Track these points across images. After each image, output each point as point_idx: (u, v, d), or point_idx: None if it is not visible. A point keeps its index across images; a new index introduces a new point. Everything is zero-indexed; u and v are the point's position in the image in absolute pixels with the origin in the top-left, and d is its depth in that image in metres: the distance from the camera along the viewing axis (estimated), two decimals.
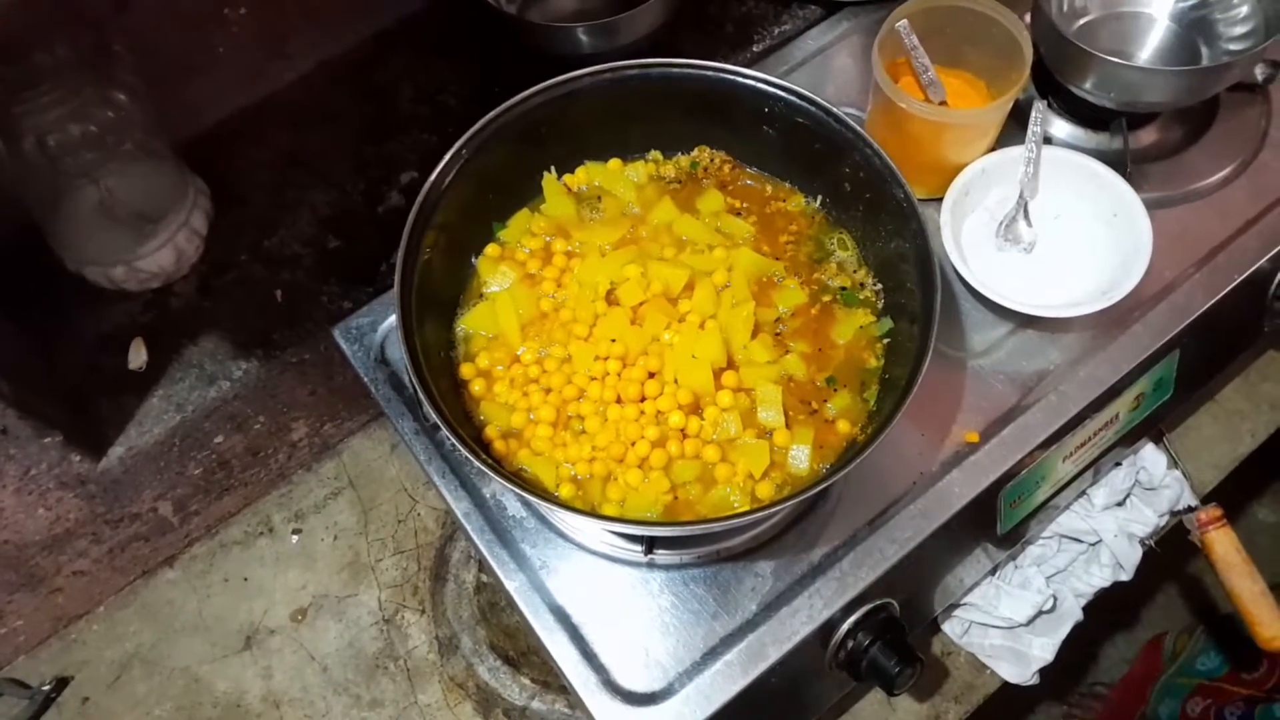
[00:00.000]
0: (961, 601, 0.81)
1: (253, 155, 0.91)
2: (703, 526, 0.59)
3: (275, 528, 0.91)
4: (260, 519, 0.91)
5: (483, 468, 0.57)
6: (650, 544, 0.66)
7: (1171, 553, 0.89)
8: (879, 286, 0.70)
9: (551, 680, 0.81)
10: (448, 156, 0.66)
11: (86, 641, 0.86)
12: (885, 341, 0.68)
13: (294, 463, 0.92)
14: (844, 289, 0.70)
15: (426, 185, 0.64)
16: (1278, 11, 0.77)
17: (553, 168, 0.74)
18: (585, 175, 0.75)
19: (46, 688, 0.83)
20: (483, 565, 0.87)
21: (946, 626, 0.82)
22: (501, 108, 0.68)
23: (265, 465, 0.90)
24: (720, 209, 0.73)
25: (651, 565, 0.68)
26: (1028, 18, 0.80)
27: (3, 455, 0.68)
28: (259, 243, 0.86)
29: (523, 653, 0.84)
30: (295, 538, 0.91)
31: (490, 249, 0.72)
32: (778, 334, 0.68)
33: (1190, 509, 0.85)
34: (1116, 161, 0.79)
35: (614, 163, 0.76)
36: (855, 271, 0.71)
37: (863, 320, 0.68)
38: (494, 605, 0.86)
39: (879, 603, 0.66)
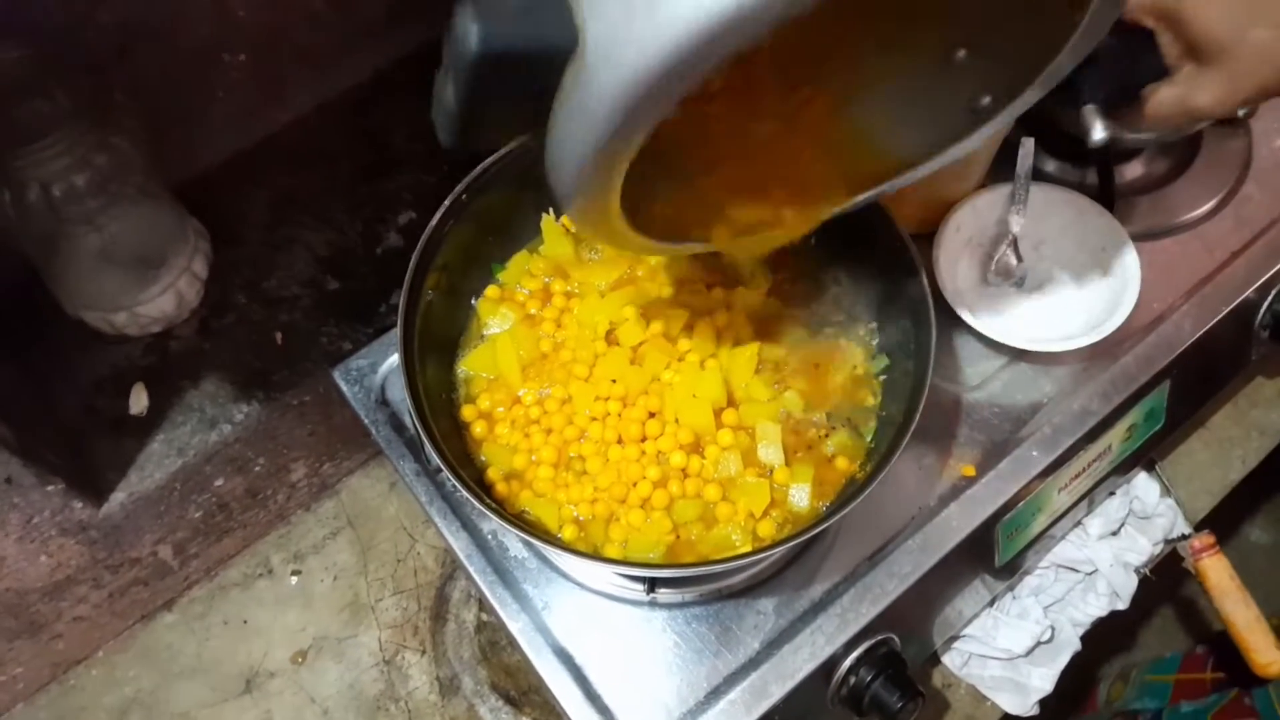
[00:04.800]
0: (961, 633, 0.81)
1: (251, 198, 0.92)
2: (705, 568, 0.59)
3: (274, 569, 0.91)
4: (259, 560, 0.91)
5: (485, 510, 0.58)
6: (652, 583, 0.66)
7: (1167, 580, 0.89)
8: (874, 324, 0.71)
9: None
10: (449, 200, 0.66)
11: (85, 687, 0.86)
12: (881, 379, 0.69)
13: (293, 503, 0.92)
14: (840, 321, 0.71)
15: (428, 229, 0.65)
16: None
17: (550, 209, 0.75)
18: None
19: None
20: (484, 605, 0.87)
21: (946, 659, 0.83)
22: (501, 152, 0.69)
23: (264, 506, 0.90)
24: None
25: (654, 604, 0.68)
26: None
27: (6, 504, 0.68)
28: (258, 285, 0.87)
29: (524, 692, 0.84)
30: (294, 579, 0.90)
31: (490, 290, 0.73)
32: (779, 380, 0.69)
33: (1184, 537, 0.86)
34: (1103, 196, 0.80)
35: None
36: (851, 308, 0.72)
37: (859, 358, 0.69)
38: (495, 644, 0.86)
39: (880, 638, 0.67)
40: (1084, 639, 0.83)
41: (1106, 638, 1.34)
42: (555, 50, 0.38)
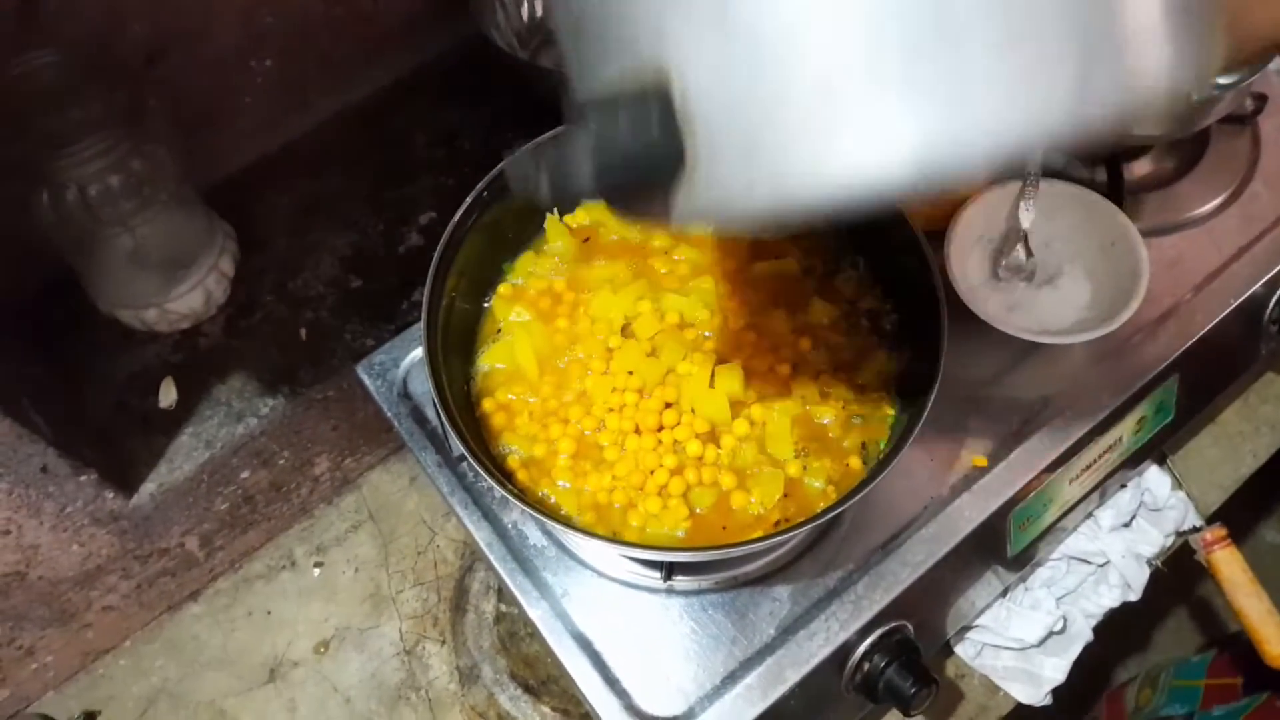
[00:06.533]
0: (974, 623, 0.82)
1: (276, 199, 0.94)
2: (720, 551, 0.60)
3: (297, 561, 0.93)
4: (283, 553, 0.93)
5: (508, 496, 0.59)
6: (669, 570, 0.68)
7: (1180, 573, 0.90)
8: (894, 317, 0.72)
9: (572, 708, 0.83)
10: (471, 197, 0.68)
11: (114, 676, 0.88)
12: (896, 372, 0.70)
13: (316, 497, 0.94)
14: (870, 311, 0.72)
15: (452, 224, 0.67)
16: None
17: (555, 209, 0.77)
18: (585, 214, 0.78)
19: None
20: (503, 594, 0.88)
21: (959, 648, 0.83)
22: (516, 154, 0.70)
23: (288, 500, 0.92)
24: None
25: (671, 591, 0.69)
26: None
27: (41, 493, 0.70)
28: (283, 283, 0.89)
29: (543, 681, 0.85)
30: (317, 571, 0.92)
31: (503, 288, 0.75)
32: (794, 365, 0.70)
33: (1195, 529, 0.86)
34: (1113, 192, 0.81)
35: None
36: (873, 288, 0.73)
37: (882, 359, 0.70)
38: (513, 635, 0.87)
39: (894, 625, 0.68)
40: (1097, 631, 0.84)
41: (1121, 636, 1.33)
42: (662, 168, 0.37)
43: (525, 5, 1.02)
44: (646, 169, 0.36)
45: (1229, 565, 0.84)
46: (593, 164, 0.37)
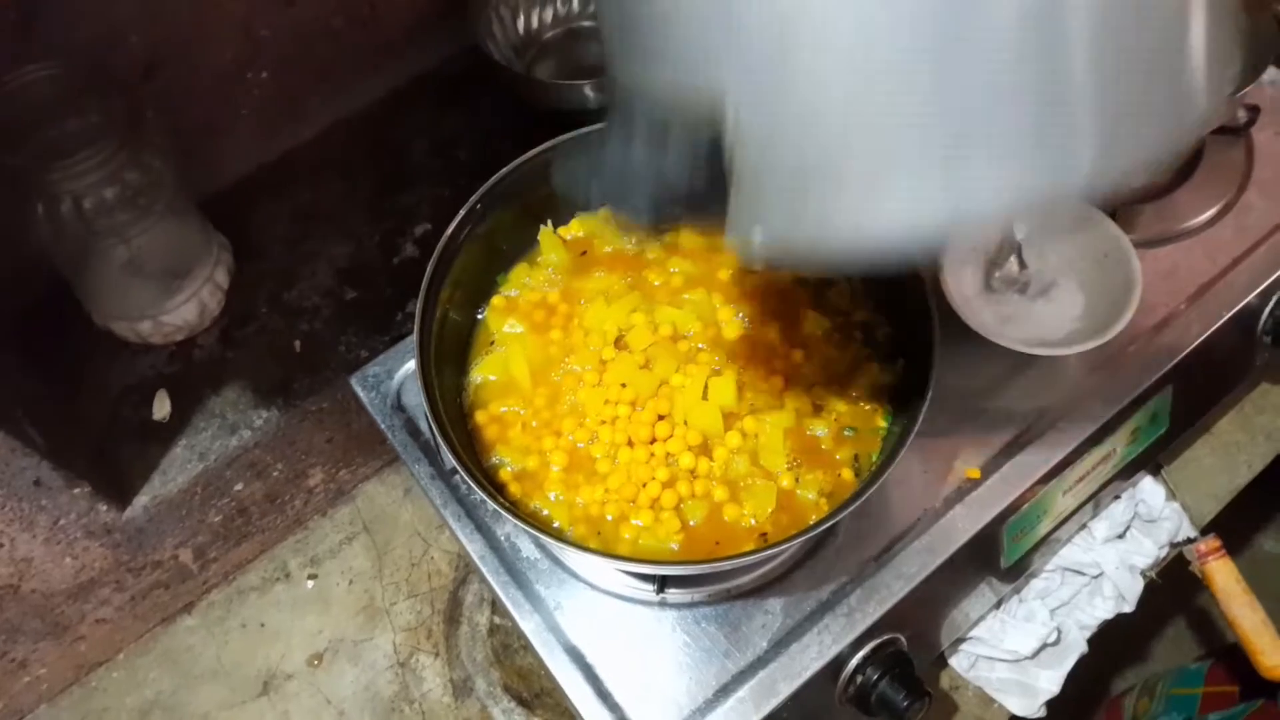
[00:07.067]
0: (968, 635, 0.82)
1: (272, 210, 0.94)
2: (713, 565, 0.60)
3: (291, 573, 0.93)
4: (277, 565, 0.93)
5: (500, 510, 0.59)
6: (662, 583, 0.67)
7: (1177, 584, 0.90)
8: (887, 329, 0.72)
9: None
10: (465, 210, 0.69)
11: (107, 689, 0.88)
12: (888, 384, 0.70)
13: (310, 508, 0.94)
14: (863, 323, 0.72)
15: (445, 236, 0.67)
16: (1252, 60, 0.81)
17: (549, 221, 0.77)
18: (579, 226, 0.78)
19: None
20: (496, 607, 0.88)
21: (954, 661, 0.83)
22: (513, 164, 0.71)
23: (282, 511, 0.92)
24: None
25: (664, 604, 0.69)
26: None
27: (34, 506, 0.70)
28: (278, 295, 0.89)
29: (536, 694, 0.85)
30: (311, 583, 0.92)
31: (496, 300, 0.75)
32: (794, 388, 0.70)
33: (1189, 540, 0.86)
34: (1106, 203, 0.81)
35: (603, 211, 0.78)
36: (865, 300, 0.73)
37: (875, 371, 0.70)
38: (507, 647, 0.87)
39: (887, 637, 0.68)
40: (1091, 643, 0.83)
41: (1118, 647, 1.33)
42: (703, 193, 0.40)
43: (521, 18, 1.02)
44: (688, 193, 0.39)
45: (1223, 576, 0.84)
46: (640, 182, 0.39)
